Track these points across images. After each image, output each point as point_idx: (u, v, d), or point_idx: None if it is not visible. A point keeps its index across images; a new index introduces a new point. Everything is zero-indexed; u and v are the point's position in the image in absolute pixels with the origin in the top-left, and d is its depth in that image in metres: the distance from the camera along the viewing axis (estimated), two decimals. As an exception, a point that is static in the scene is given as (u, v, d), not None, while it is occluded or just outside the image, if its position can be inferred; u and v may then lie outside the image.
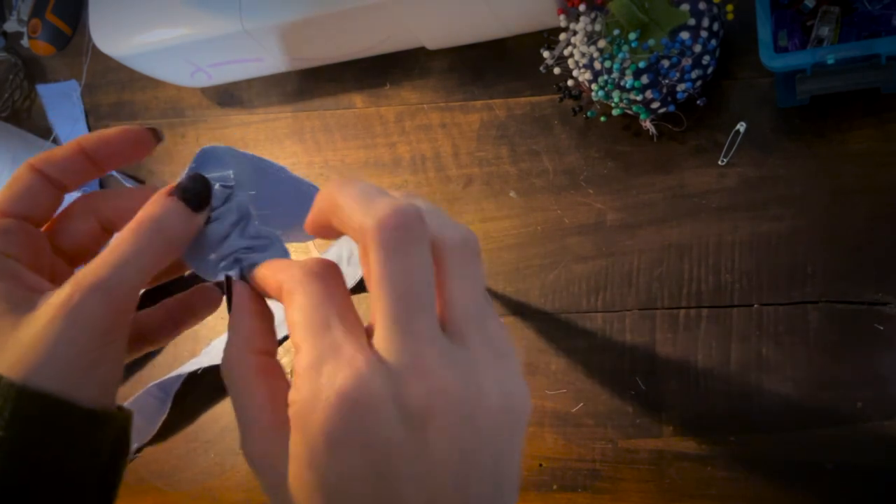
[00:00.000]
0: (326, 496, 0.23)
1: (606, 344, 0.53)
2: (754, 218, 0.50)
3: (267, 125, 0.68)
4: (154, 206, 0.30)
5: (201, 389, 0.65)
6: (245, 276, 0.30)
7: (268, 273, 0.28)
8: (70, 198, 0.36)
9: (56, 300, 0.27)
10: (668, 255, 0.52)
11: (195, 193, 0.31)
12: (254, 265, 0.30)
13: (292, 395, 0.24)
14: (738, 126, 0.51)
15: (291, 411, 0.24)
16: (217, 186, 0.33)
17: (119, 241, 0.29)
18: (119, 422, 0.30)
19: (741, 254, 0.50)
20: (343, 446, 0.23)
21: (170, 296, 0.37)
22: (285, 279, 0.27)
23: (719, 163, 0.52)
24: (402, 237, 0.24)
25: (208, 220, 0.32)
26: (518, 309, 0.55)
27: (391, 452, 0.23)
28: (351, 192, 0.26)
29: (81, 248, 0.34)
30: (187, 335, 0.65)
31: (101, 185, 0.75)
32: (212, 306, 0.37)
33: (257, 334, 0.28)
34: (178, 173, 0.72)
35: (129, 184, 0.69)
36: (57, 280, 0.30)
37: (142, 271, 0.29)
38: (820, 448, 0.46)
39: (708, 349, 0.50)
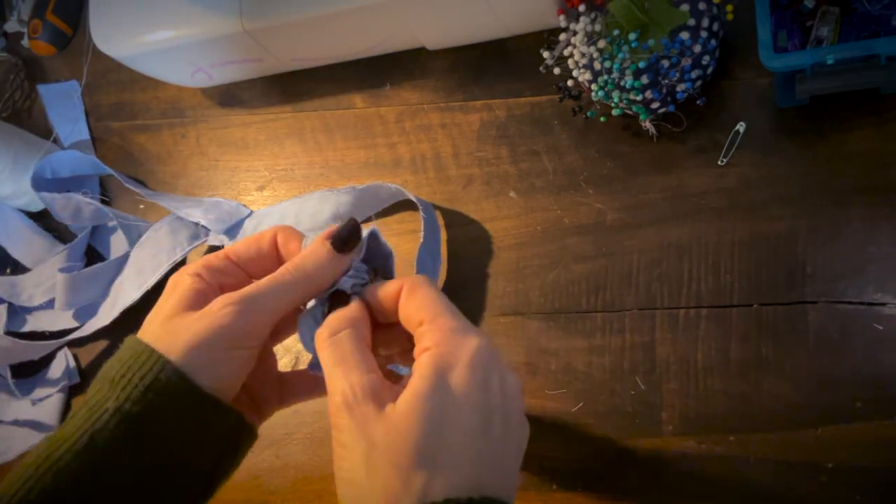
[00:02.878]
0: (446, 413, 0.31)
1: (606, 344, 0.53)
2: (754, 218, 0.50)
3: (267, 125, 0.68)
4: (310, 248, 0.37)
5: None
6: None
7: (385, 284, 0.36)
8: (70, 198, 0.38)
9: (210, 306, 0.35)
10: (668, 255, 0.52)
11: (342, 237, 0.37)
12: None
13: (433, 344, 0.33)
14: (737, 126, 0.51)
15: (431, 353, 0.32)
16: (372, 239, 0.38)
17: (270, 276, 0.36)
18: (231, 421, 0.36)
19: (741, 254, 0.50)
20: (475, 380, 0.32)
21: None
22: (405, 281, 0.35)
23: (719, 163, 0.52)
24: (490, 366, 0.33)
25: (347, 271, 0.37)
26: (518, 309, 0.56)
27: (495, 402, 0.32)
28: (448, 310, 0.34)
29: None
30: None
31: (102, 185, 0.75)
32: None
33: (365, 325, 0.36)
34: (178, 174, 0.72)
35: (129, 184, 0.69)
36: None
37: (278, 299, 0.36)
38: (820, 448, 0.46)
39: (708, 349, 0.50)
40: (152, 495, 0.34)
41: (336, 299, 0.37)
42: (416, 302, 0.34)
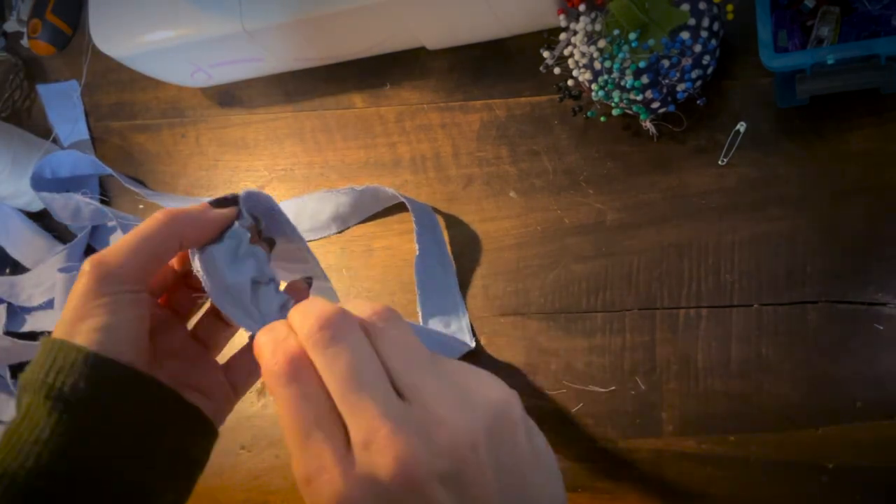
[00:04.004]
0: None
1: (606, 344, 0.53)
2: (754, 218, 0.50)
3: (267, 125, 0.68)
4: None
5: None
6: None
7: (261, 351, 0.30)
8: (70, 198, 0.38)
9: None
10: (668, 255, 0.52)
11: (221, 199, 0.36)
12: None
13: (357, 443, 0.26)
14: (738, 126, 0.51)
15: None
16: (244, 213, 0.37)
17: (137, 227, 0.35)
18: (162, 391, 0.33)
19: (741, 254, 0.50)
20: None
21: None
22: (265, 372, 0.29)
23: (719, 163, 0.52)
24: (330, 335, 0.27)
25: (221, 240, 0.36)
26: (518, 309, 0.56)
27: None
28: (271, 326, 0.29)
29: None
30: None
31: (102, 185, 0.75)
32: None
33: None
34: (178, 174, 0.72)
35: (128, 184, 0.69)
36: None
37: (144, 248, 0.34)
38: (820, 448, 0.46)
39: (708, 349, 0.50)
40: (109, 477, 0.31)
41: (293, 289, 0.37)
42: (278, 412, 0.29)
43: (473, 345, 0.47)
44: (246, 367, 0.40)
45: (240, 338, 0.40)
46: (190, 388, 0.37)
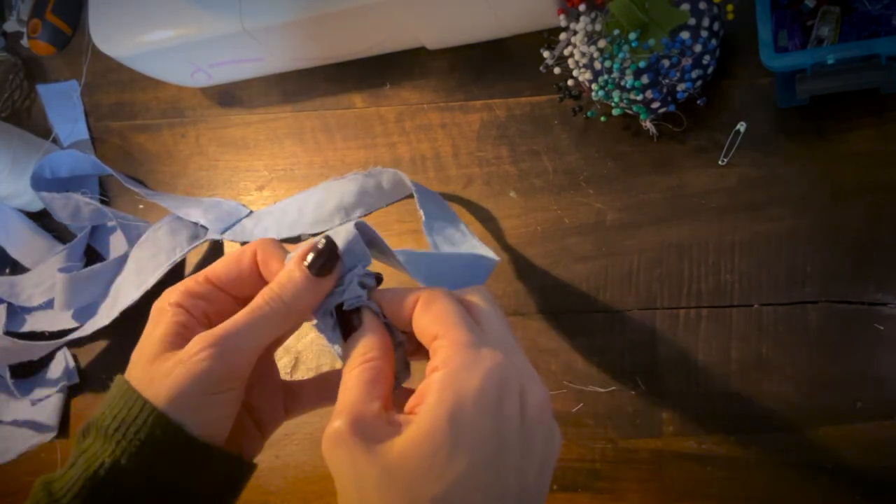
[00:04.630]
0: (452, 449, 0.29)
1: (606, 344, 0.53)
2: (754, 218, 0.50)
3: (267, 125, 0.68)
4: (281, 274, 0.35)
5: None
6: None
7: (401, 293, 0.34)
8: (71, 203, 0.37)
9: (187, 348, 0.33)
10: (668, 255, 0.52)
11: (321, 263, 0.35)
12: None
13: (442, 362, 0.30)
14: (738, 126, 0.51)
15: (440, 374, 0.30)
16: (344, 246, 0.35)
17: (246, 309, 0.35)
18: (229, 464, 0.35)
19: (741, 254, 0.50)
20: (487, 408, 0.29)
21: None
22: (421, 294, 0.34)
23: (719, 163, 0.52)
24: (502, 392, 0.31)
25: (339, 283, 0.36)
26: (518, 309, 0.55)
27: (511, 427, 0.30)
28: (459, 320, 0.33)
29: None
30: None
31: (102, 185, 0.75)
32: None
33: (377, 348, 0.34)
34: (178, 173, 0.72)
35: (129, 185, 0.69)
36: None
37: (257, 335, 0.34)
38: (820, 448, 0.46)
39: (708, 349, 0.50)
40: None
41: (345, 311, 0.35)
42: (430, 315, 0.33)
43: (498, 258, 0.45)
44: (311, 394, 0.41)
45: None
46: (246, 408, 0.38)
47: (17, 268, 0.75)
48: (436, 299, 0.33)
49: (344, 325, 0.35)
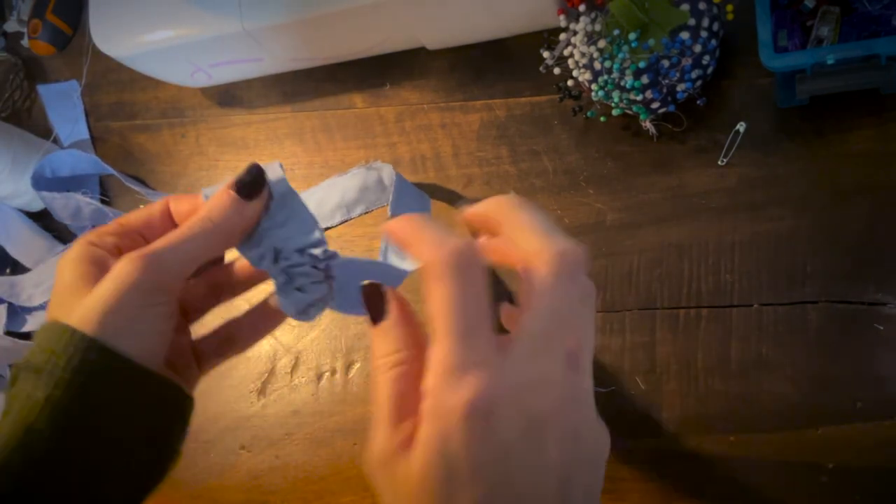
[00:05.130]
0: (447, 479, 0.26)
1: (606, 344, 0.53)
2: (754, 218, 0.50)
3: (267, 125, 0.68)
4: (213, 198, 0.35)
5: (200, 389, 0.65)
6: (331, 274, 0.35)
7: (413, 232, 0.30)
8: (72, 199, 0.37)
9: (114, 267, 0.33)
10: (668, 255, 0.52)
11: (247, 184, 0.35)
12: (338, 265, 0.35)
13: (428, 389, 0.27)
14: (738, 126, 0.51)
15: (426, 405, 0.27)
16: (277, 180, 0.36)
17: (177, 229, 0.35)
18: (169, 390, 0.34)
19: (741, 254, 0.50)
20: (477, 440, 0.26)
21: None
22: (433, 257, 0.28)
23: (719, 163, 0.52)
24: (573, 273, 0.29)
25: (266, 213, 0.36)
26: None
27: (510, 448, 0.26)
28: (535, 218, 0.30)
29: None
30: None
31: (102, 185, 0.75)
32: (276, 324, 0.41)
33: (402, 343, 0.31)
34: (178, 173, 0.72)
35: (130, 184, 0.69)
36: None
37: (186, 252, 0.34)
38: (820, 448, 0.46)
39: (708, 349, 0.50)
40: (99, 479, 0.32)
41: (368, 293, 0.33)
42: (432, 301, 0.28)
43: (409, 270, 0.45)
44: (248, 330, 0.40)
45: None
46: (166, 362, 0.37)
47: (17, 268, 0.75)
48: (442, 282, 0.28)
49: (368, 306, 0.33)
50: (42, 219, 0.76)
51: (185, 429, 0.36)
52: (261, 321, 0.40)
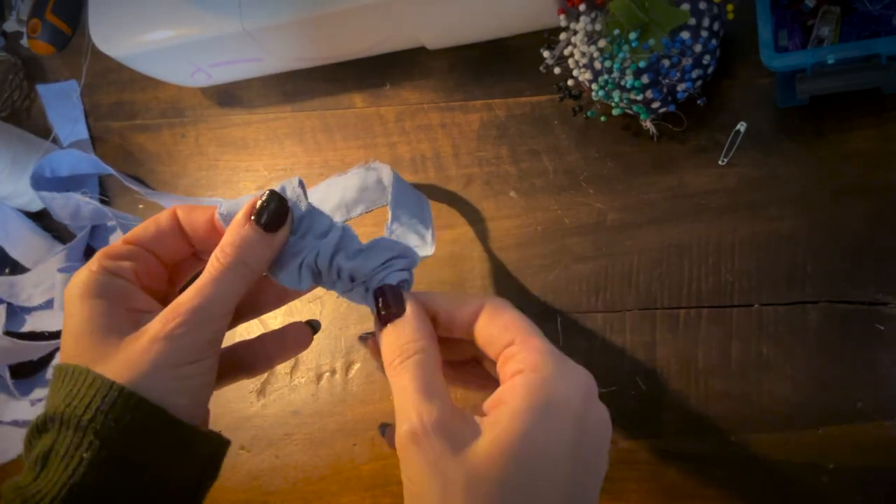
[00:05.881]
0: (542, 456, 0.29)
1: (606, 344, 0.53)
2: (754, 218, 0.50)
3: (267, 125, 0.68)
4: (233, 234, 0.34)
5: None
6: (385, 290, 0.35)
7: (461, 297, 0.34)
8: (71, 200, 0.37)
9: (157, 326, 0.32)
10: (668, 255, 0.52)
11: (272, 214, 0.34)
12: (400, 280, 0.35)
13: (530, 367, 0.30)
14: (738, 126, 0.51)
15: (528, 377, 0.30)
16: (297, 200, 0.35)
17: (207, 275, 0.34)
18: (212, 446, 0.34)
19: (741, 254, 0.50)
20: (575, 419, 0.29)
21: None
22: (486, 301, 0.34)
23: (719, 163, 0.52)
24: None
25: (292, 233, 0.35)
26: (518, 309, 0.55)
27: (589, 440, 0.30)
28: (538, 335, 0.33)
29: (178, 268, 0.39)
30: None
31: (101, 185, 0.75)
32: (303, 345, 0.40)
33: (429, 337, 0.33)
34: (178, 173, 0.72)
35: (129, 184, 0.69)
36: (165, 302, 0.35)
37: (226, 300, 0.33)
38: (820, 448, 0.46)
39: (708, 349, 0.50)
40: None
41: (383, 291, 0.34)
42: (501, 324, 0.32)
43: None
44: (272, 349, 0.40)
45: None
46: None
47: (17, 268, 0.75)
48: (505, 308, 0.33)
49: (380, 310, 0.34)
50: (42, 219, 0.76)
51: (218, 471, 0.36)
52: (280, 346, 0.40)
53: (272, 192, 0.34)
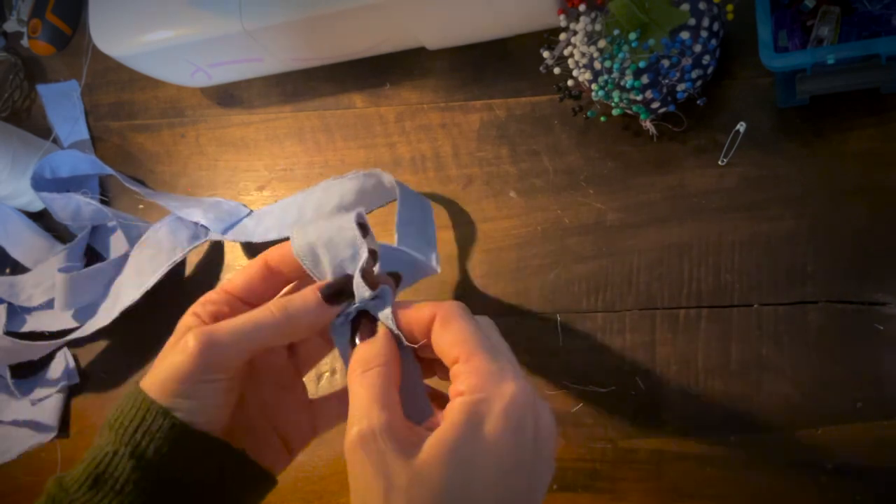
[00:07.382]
0: (467, 472, 0.30)
1: (606, 344, 0.53)
2: (754, 218, 0.50)
3: (267, 125, 0.68)
4: (297, 294, 0.37)
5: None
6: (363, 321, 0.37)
7: (419, 308, 0.36)
8: (73, 200, 0.39)
9: (182, 340, 0.35)
10: (668, 255, 0.52)
11: (336, 293, 0.37)
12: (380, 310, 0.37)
13: (469, 389, 0.32)
14: (738, 126, 0.51)
15: (466, 399, 0.32)
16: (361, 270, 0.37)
17: (248, 313, 0.36)
18: (224, 455, 0.36)
19: (741, 254, 0.50)
20: (509, 430, 0.31)
21: None
22: (438, 310, 0.35)
23: (719, 163, 0.52)
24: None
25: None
26: (518, 309, 0.55)
27: (526, 448, 0.32)
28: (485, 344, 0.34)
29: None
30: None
31: (102, 185, 0.75)
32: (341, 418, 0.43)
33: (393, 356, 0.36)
34: (178, 173, 0.72)
35: (129, 184, 0.69)
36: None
37: (249, 338, 0.35)
38: (820, 448, 0.46)
39: (708, 349, 0.50)
40: None
41: (362, 320, 0.37)
42: (450, 336, 0.34)
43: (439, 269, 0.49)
44: (337, 409, 0.42)
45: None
46: (272, 427, 0.40)
47: (17, 268, 0.75)
48: (453, 317, 0.35)
49: (355, 334, 0.37)
50: (42, 219, 0.76)
51: (255, 498, 0.39)
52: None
53: (348, 277, 0.37)
